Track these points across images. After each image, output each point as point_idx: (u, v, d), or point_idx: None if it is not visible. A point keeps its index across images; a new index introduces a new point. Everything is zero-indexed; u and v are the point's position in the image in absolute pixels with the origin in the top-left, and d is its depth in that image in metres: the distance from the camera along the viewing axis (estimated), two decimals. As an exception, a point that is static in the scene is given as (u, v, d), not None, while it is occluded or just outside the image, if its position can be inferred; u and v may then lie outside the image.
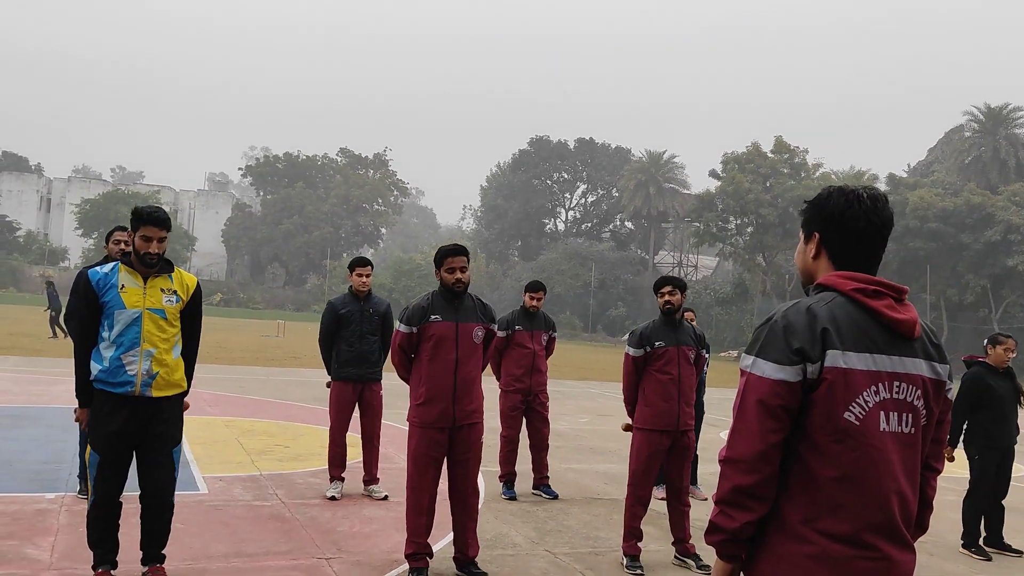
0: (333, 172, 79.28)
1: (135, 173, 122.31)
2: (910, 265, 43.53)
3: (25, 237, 72.52)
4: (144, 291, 4.25)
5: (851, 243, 2.12)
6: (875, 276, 2.10)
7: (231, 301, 66.69)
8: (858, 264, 2.12)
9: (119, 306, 4.19)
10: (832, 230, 2.14)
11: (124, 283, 4.24)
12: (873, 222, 2.11)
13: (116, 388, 4.17)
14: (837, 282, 2.08)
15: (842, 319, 2.01)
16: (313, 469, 7.78)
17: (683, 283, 5.80)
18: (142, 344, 4.19)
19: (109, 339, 4.19)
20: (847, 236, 2.12)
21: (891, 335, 2.04)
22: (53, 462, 7.38)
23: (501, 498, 7.21)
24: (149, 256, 4.22)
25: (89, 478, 4.28)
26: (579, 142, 74.86)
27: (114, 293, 4.20)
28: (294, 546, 5.38)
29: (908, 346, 2.06)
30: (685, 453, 5.66)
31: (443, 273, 4.97)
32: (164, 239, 4.27)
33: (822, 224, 2.16)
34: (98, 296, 4.21)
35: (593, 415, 14.36)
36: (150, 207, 4.32)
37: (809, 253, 2.20)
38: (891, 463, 1.99)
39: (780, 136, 51.48)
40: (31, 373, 14.72)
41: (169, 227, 4.28)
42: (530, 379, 7.34)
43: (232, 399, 12.93)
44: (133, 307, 4.20)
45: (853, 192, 2.14)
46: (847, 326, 2.01)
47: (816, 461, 1.98)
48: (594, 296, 60.17)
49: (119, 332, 4.17)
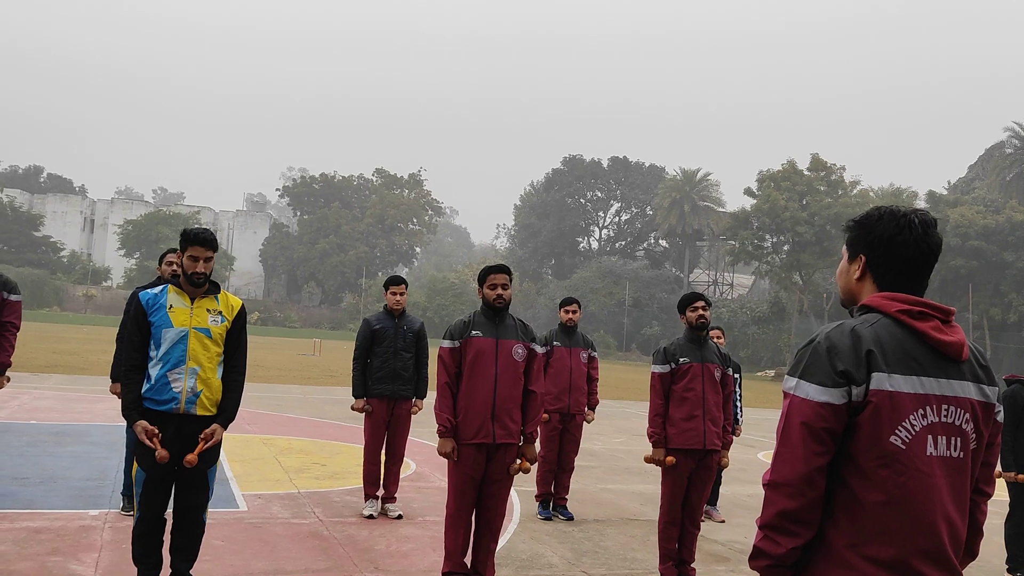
0: (368, 192, 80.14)
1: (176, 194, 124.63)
2: (952, 284, 42.83)
3: (69, 257, 74.17)
4: (191, 311, 4.34)
5: (899, 268, 2.09)
6: (921, 298, 2.07)
7: (268, 320, 67.50)
8: (904, 287, 2.09)
9: (166, 325, 4.28)
10: (880, 254, 2.11)
11: (172, 303, 4.33)
12: (923, 249, 2.08)
13: (161, 406, 4.25)
14: (882, 303, 2.05)
15: (887, 341, 1.98)
16: (350, 487, 7.82)
17: (710, 301, 5.78)
18: (187, 362, 4.27)
19: (156, 357, 4.28)
20: (895, 261, 2.09)
21: (938, 357, 2.01)
22: (96, 479, 7.51)
23: (537, 518, 7.19)
24: (196, 275, 4.32)
25: (135, 495, 4.35)
26: (612, 160, 74.92)
27: (162, 313, 4.30)
28: (332, 564, 5.42)
29: (956, 368, 2.03)
30: (707, 474, 5.55)
31: (485, 290, 5.01)
32: (211, 259, 4.37)
33: (869, 247, 2.13)
34: (147, 315, 4.30)
35: (628, 435, 14.27)
36: (198, 228, 4.43)
37: (853, 274, 2.17)
38: (939, 488, 1.95)
39: (816, 153, 51.08)
40: (74, 391, 15.00)
41: (216, 247, 4.39)
42: (568, 398, 7.30)
43: (270, 417, 13.06)
44: (180, 326, 4.29)
45: (904, 217, 2.10)
46: (893, 348, 1.98)
47: (861, 486, 1.95)
48: (628, 315, 59.93)
49: (166, 350, 4.26)
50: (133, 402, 4.28)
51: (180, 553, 4.42)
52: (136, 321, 4.33)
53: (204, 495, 4.43)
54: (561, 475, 7.43)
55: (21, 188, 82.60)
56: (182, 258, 4.35)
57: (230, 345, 4.46)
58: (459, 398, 4.89)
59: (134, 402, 4.27)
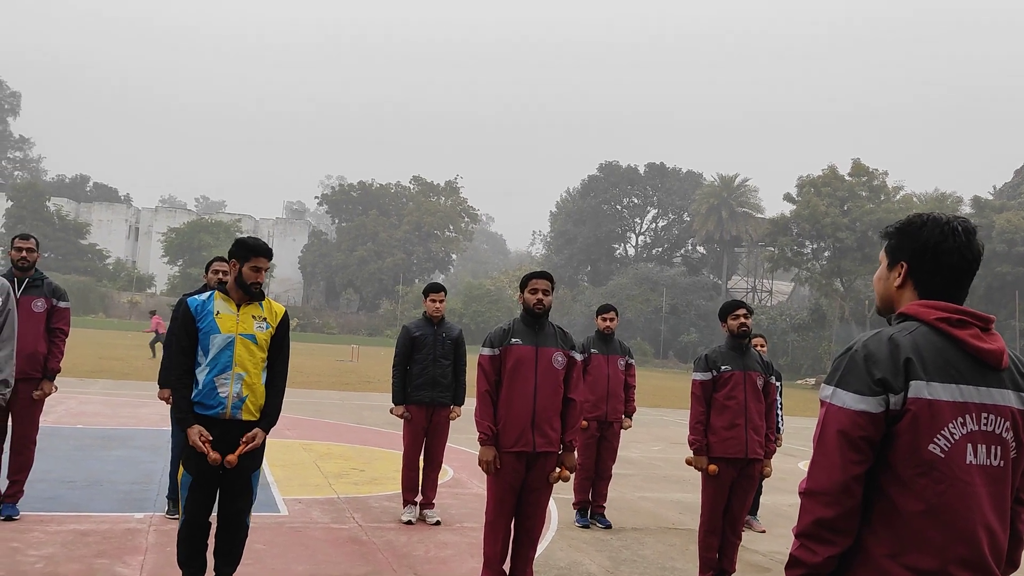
0: (406, 200, 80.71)
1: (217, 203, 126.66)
2: (997, 291, 41.94)
3: (114, 265, 75.68)
4: (237, 317, 4.43)
5: (942, 276, 2.07)
6: (961, 306, 2.06)
7: (307, 326, 68.19)
8: (946, 295, 2.07)
9: (214, 331, 4.38)
10: (924, 262, 2.08)
11: (219, 309, 4.43)
12: (966, 257, 2.06)
13: (208, 410, 4.34)
14: (920, 311, 2.04)
15: (926, 349, 1.97)
16: (388, 493, 7.89)
17: (752, 308, 5.74)
18: (234, 367, 4.36)
19: (204, 363, 4.37)
20: (939, 269, 2.07)
21: (978, 365, 1.99)
22: (142, 482, 7.65)
23: (575, 526, 7.19)
24: (257, 285, 4.43)
25: (180, 498, 4.44)
26: (649, 167, 74.60)
27: (210, 319, 4.40)
28: (371, 569, 5.47)
29: (996, 377, 2.01)
30: (749, 483, 5.50)
31: (526, 295, 5.03)
32: (266, 269, 4.49)
33: (911, 254, 2.10)
34: (195, 321, 4.40)
35: (666, 443, 14.18)
36: (254, 239, 4.56)
37: (894, 281, 2.15)
38: (979, 496, 1.93)
39: (858, 158, 50.42)
40: (120, 396, 15.31)
41: (271, 257, 4.57)
42: (606, 405, 7.29)
43: (309, 423, 13.20)
44: (227, 332, 4.38)
45: (948, 224, 2.08)
46: (931, 356, 1.97)
47: (900, 494, 1.94)
48: (665, 322, 59.53)
49: (214, 356, 4.36)
50: (187, 407, 4.37)
51: (224, 557, 4.50)
52: (185, 327, 4.43)
53: (248, 499, 4.51)
54: (599, 483, 7.41)
55: (68, 197, 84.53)
56: (240, 267, 4.42)
57: (273, 350, 4.55)
58: (499, 406, 4.90)
59: (188, 407, 4.37)
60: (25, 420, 6.05)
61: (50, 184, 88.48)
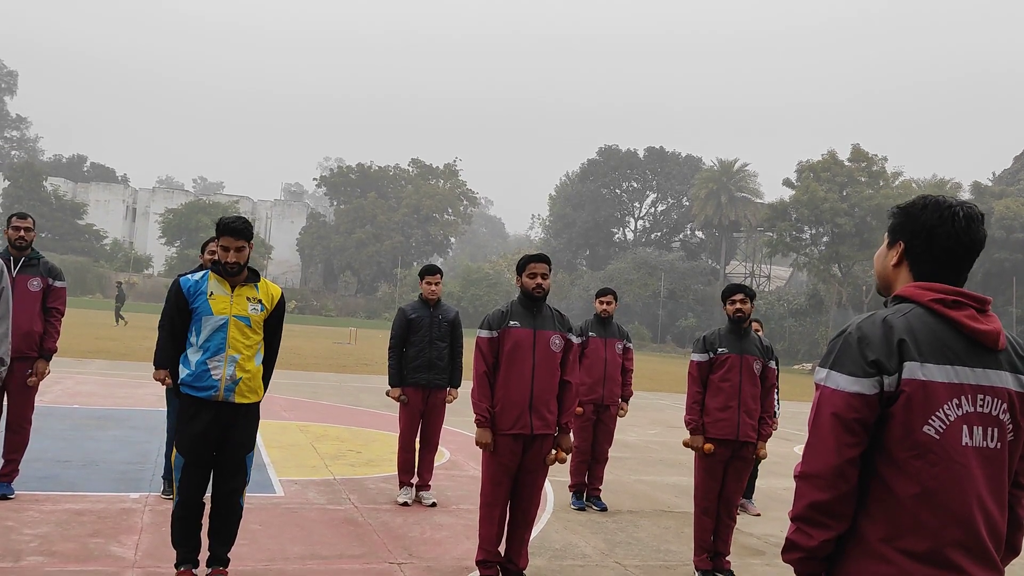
0: (404, 182, 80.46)
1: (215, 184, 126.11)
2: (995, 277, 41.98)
3: (111, 245, 75.53)
4: (231, 299, 4.40)
5: (936, 259, 2.06)
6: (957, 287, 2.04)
7: (305, 308, 68.17)
8: (940, 279, 2.05)
9: (207, 312, 4.35)
10: (919, 243, 2.08)
11: (213, 290, 4.40)
12: (963, 242, 2.04)
13: (201, 392, 4.33)
14: (916, 293, 2.03)
15: (920, 330, 1.96)
16: (384, 475, 7.90)
17: (753, 292, 5.71)
18: (227, 350, 4.34)
19: (197, 344, 4.35)
20: (933, 251, 2.06)
21: (974, 346, 1.98)
22: (137, 462, 7.66)
23: (570, 508, 7.20)
24: (229, 265, 4.36)
25: (174, 479, 4.44)
26: (648, 151, 74.38)
27: (203, 300, 4.37)
28: (367, 550, 5.48)
29: (992, 358, 1.99)
30: (743, 465, 5.53)
31: (524, 278, 5.02)
32: (243, 248, 4.35)
33: (909, 235, 2.10)
34: (188, 302, 4.38)
35: (662, 427, 14.22)
36: (231, 217, 4.43)
37: (891, 260, 2.14)
38: (974, 479, 1.92)
39: (858, 144, 50.27)
40: (116, 376, 15.30)
41: (247, 236, 4.37)
42: (603, 388, 7.29)
43: (306, 404, 13.21)
44: (220, 313, 4.36)
45: (949, 208, 2.06)
46: (926, 337, 1.95)
47: (895, 477, 1.93)
48: (663, 306, 59.57)
49: (206, 337, 4.33)
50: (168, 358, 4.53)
51: (218, 536, 4.50)
52: (177, 306, 4.41)
53: (241, 480, 4.51)
54: (595, 466, 7.43)
55: (65, 177, 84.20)
56: (217, 247, 4.42)
57: (266, 332, 4.53)
58: (496, 388, 4.91)
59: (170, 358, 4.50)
60: (20, 400, 6.04)
61: (47, 164, 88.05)
